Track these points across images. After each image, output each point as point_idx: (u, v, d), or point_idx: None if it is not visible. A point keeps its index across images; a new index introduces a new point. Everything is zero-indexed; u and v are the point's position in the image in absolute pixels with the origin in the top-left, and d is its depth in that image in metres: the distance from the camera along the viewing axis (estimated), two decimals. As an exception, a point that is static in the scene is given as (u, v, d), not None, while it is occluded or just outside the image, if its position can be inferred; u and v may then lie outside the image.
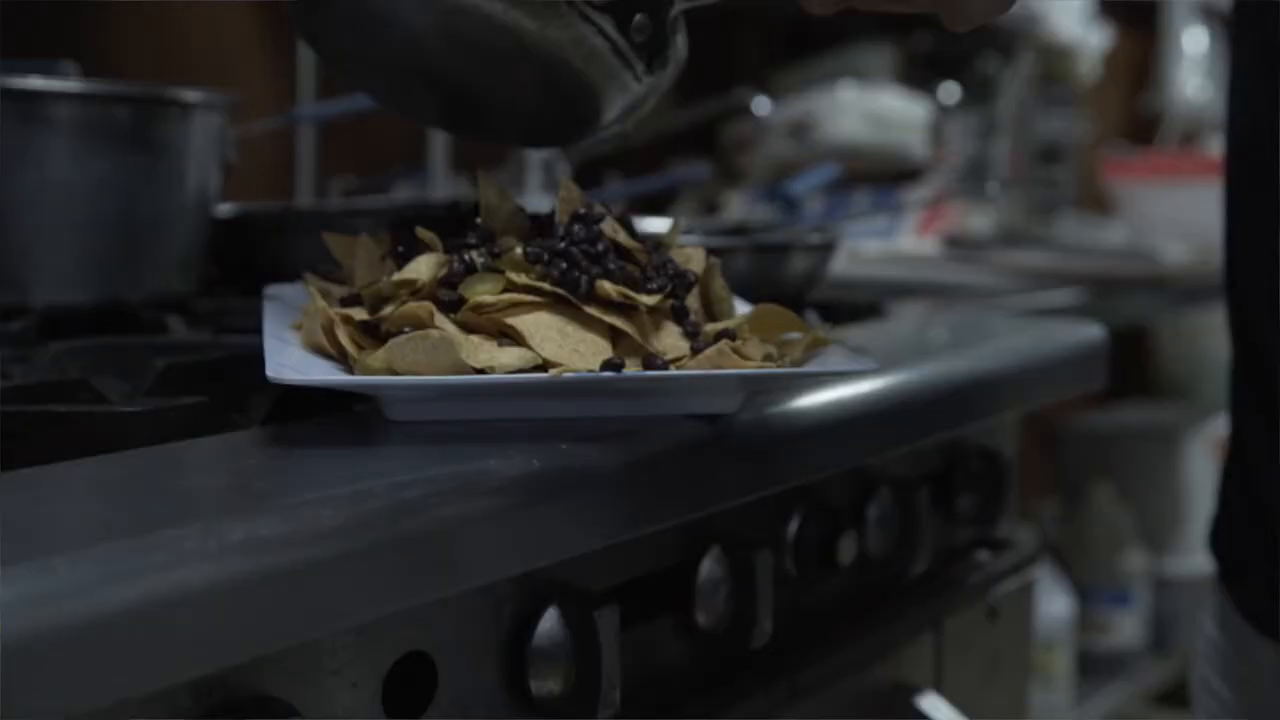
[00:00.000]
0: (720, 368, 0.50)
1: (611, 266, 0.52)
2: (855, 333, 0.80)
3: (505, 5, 0.49)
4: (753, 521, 0.64)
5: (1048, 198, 2.26)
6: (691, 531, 0.60)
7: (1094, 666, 1.89)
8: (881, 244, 1.80)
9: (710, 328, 0.53)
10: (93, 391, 0.56)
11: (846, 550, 0.68)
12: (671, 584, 0.60)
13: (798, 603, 0.69)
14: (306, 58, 1.35)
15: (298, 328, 0.55)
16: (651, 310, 0.52)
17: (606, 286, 0.51)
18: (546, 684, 0.53)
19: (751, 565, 0.61)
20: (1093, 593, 1.96)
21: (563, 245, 0.52)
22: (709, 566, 0.61)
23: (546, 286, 0.51)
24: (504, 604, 0.52)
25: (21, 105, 0.74)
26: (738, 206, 1.75)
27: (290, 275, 0.65)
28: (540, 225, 0.55)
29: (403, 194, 1.24)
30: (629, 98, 0.54)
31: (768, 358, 0.52)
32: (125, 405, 0.50)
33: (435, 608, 0.48)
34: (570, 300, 0.51)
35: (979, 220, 2.01)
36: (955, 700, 0.76)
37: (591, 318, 0.51)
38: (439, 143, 1.32)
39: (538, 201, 1.29)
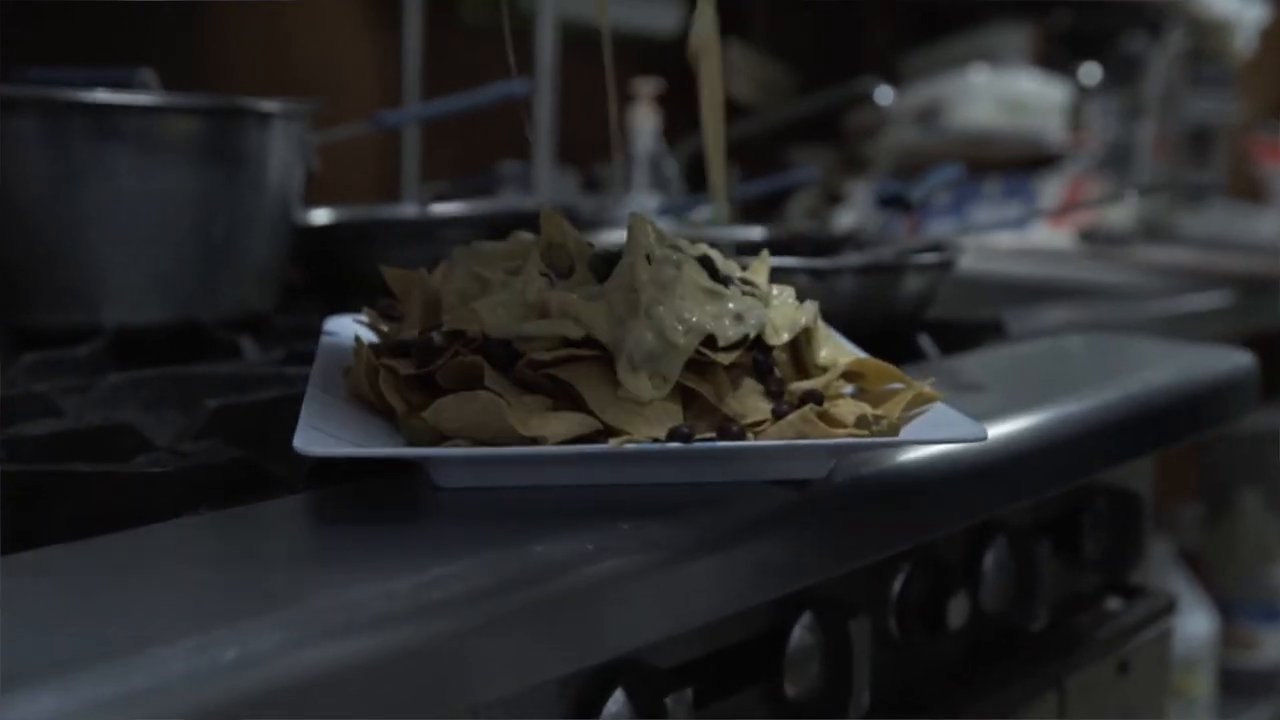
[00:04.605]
0: (804, 435, 0.44)
1: (684, 317, 0.46)
2: (971, 363, 0.73)
3: None
4: (850, 583, 0.58)
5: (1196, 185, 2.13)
6: (782, 597, 0.54)
7: (1238, 686, 1.78)
8: (1013, 236, 1.70)
9: (795, 386, 0.47)
10: (137, 438, 0.53)
11: (958, 611, 0.61)
12: (759, 653, 0.55)
13: (902, 668, 0.62)
14: (410, 59, 1.32)
15: (348, 372, 0.51)
16: (729, 366, 0.46)
17: (677, 340, 0.45)
18: (612, 775, 0.48)
19: (846, 632, 0.55)
20: (1238, 606, 1.84)
21: (629, 292, 0.47)
22: (800, 634, 0.55)
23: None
24: (567, 686, 0.47)
25: (91, 119, 0.71)
26: (860, 198, 1.67)
27: (374, 285, 0.61)
28: (610, 264, 0.50)
29: (506, 196, 1.20)
30: None
31: (861, 420, 0.46)
32: (152, 467, 0.46)
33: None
34: (637, 355, 0.45)
35: (1120, 211, 1.89)
36: (1080, 763, 0.69)
37: (661, 375, 0.45)
38: (543, 138, 1.28)
39: (643, 201, 1.23)
